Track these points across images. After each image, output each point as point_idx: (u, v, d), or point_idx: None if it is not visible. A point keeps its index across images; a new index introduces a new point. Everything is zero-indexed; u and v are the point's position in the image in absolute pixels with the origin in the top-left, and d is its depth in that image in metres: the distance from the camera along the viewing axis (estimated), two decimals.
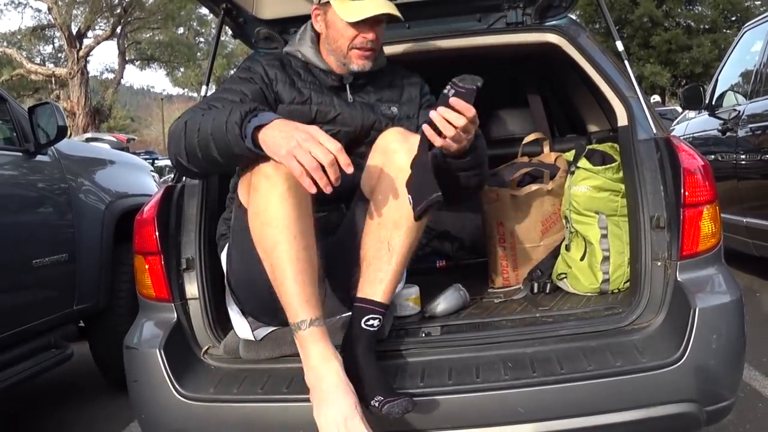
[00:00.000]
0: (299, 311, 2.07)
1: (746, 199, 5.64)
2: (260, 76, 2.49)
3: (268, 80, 2.49)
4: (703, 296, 2.26)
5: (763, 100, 5.54)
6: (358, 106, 2.55)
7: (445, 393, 2.11)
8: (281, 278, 2.08)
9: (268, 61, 2.57)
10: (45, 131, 3.77)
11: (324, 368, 2.05)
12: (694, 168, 2.39)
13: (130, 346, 2.46)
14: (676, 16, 31.82)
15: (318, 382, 2.04)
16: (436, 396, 2.10)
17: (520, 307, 2.72)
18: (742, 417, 3.30)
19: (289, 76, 2.54)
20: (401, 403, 2.00)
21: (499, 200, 3.04)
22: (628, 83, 2.76)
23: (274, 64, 2.55)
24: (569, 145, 3.35)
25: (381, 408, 2.01)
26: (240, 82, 2.47)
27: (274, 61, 2.58)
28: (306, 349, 2.08)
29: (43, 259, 3.61)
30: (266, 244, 2.10)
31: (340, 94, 2.57)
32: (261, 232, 2.11)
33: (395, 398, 2.02)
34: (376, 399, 2.03)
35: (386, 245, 2.26)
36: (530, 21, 3.10)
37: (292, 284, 2.07)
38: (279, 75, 2.52)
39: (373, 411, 2.03)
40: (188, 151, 2.17)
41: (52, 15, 28.82)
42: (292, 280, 2.07)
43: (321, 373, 2.05)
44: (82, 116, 28.72)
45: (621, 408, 2.13)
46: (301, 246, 2.08)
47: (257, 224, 2.12)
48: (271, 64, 2.55)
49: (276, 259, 2.08)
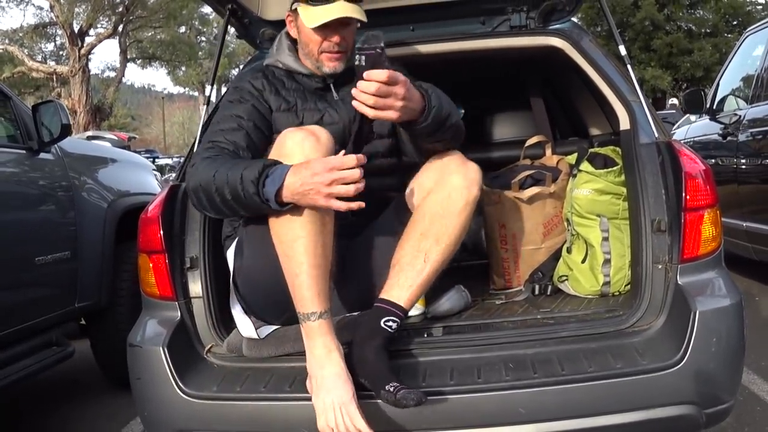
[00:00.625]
0: (311, 303, 2.15)
1: (746, 204, 5.65)
2: (248, 92, 2.58)
3: (257, 92, 2.58)
4: (704, 299, 2.28)
5: (764, 105, 5.55)
6: (343, 104, 2.58)
7: (447, 393, 2.12)
8: (298, 270, 2.15)
9: (252, 75, 2.65)
10: (48, 129, 3.79)
11: (327, 358, 2.13)
12: (695, 172, 2.40)
13: (134, 344, 2.48)
14: (678, 19, 31.80)
15: (320, 369, 2.12)
16: (437, 396, 2.11)
17: (521, 308, 2.74)
18: (741, 420, 3.32)
19: (273, 86, 2.61)
20: (417, 392, 2.04)
21: (501, 202, 3.05)
22: (631, 87, 2.77)
23: (257, 77, 2.63)
24: (571, 148, 3.37)
25: (396, 393, 2.03)
26: (231, 106, 2.56)
27: (257, 73, 2.66)
28: (312, 339, 2.16)
29: (45, 257, 3.62)
30: (287, 237, 2.16)
31: (326, 95, 2.65)
32: (282, 226, 2.17)
33: (410, 388, 2.06)
34: (390, 384, 2.07)
35: (423, 256, 2.33)
36: (534, 24, 3.11)
37: (307, 277, 2.14)
38: (265, 84, 2.60)
39: (384, 397, 2.06)
40: (217, 212, 2.32)
41: (54, 13, 28.85)
42: (307, 274, 2.14)
43: (323, 362, 2.13)
44: (83, 114, 28.73)
45: (621, 410, 2.15)
46: (319, 242, 2.16)
47: (278, 218, 2.18)
48: (255, 77, 2.63)
49: (293, 251, 2.15)
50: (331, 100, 2.63)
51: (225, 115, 2.53)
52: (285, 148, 2.21)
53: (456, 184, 2.37)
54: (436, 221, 2.35)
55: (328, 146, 2.21)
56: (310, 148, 2.17)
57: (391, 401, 2.04)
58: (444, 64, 3.20)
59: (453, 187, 2.36)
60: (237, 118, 2.49)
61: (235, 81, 2.70)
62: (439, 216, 2.35)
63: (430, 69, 2.92)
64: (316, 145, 2.18)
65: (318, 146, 2.18)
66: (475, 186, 2.38)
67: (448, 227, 2.35)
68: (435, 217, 2.35)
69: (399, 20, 3.17)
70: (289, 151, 2.19)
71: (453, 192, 2.36)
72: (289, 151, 2.19)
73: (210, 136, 2.47)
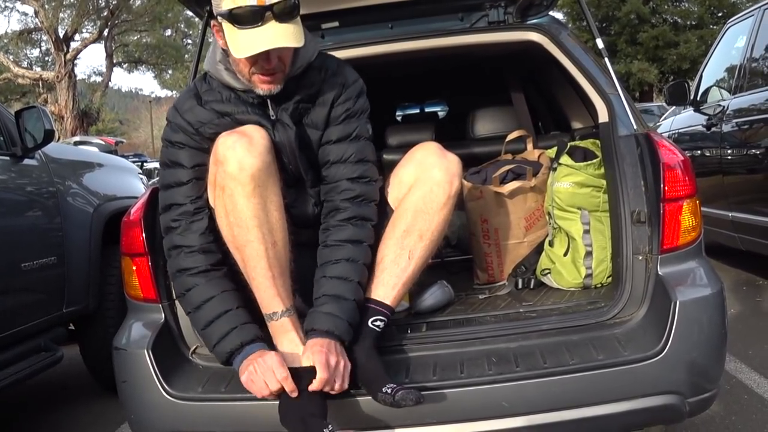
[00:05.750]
0: (271, 303, 2.21)
1: (731, 194, 5.68)
2: (184, 132, 2.36)
3: (193, 131, 2.35)
4: (684, 289, 2.29)
5: (747, 95, 5.59)
6: (283, 130, 2.36)
7: (430, 389, 2.13)
8: (253, 274, 2.19)
9: (186, 106, 2.38)
10: (32, 135, 3.77)
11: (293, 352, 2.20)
12: (673, 163, 2.41)
13: (119, 347, 2.48)
14: (663, 12, 31.87)
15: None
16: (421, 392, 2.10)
17: (504, 302, 2.75)
18: (729, 409, 3.35)
19: (210, 110, 2.36)
20: (414, 392, 2.05)
21: (482, 197, 3.06)
22: (609, 80, 2.79)
23: (191, 107, 2.37)
24: (553, 142, 3.37)
25: (394, 394, 2.04)
26: (172, 151, 2.38)
27: (190, 101, 2.39)
28: (278, 337, 2.22)
29: (32, 263, 3.61)
30: (236, 242, 2.21)
31: (266, 111, 2.38)
32: (231, 231, 2.22)
33: (407, 388, 2.07)
34: (388, 386, 2.07)
35: (407, 253, 2.34)
36: (512, 20, 3.12)
37: (263, 279, 2.19)
38: (201, 115, 2.35)
39: (382, 399, 2.07)
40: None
41: (39, 18, 28.77)
42: (263, 276, 2.19)
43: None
44: (70, 119, 28.68)
45: (603, 401, 2.17)
46: (269, 243, 2.20)
47: (226, 224, 2.23)
48: (189, 108, 2.38)
49: (247, 256, 2.20)
50: (268, 117, 2.37)
51: (167, 160, 2.38)
52: (218, 155, 2.20)
53: (438, 178, 2.36)
54: (419, 217, 2.36)
55: (262, 145, 2.20)
56: (243, 151, 2.16)
57: (389, 403, 2.05)
58: (423, 61, 3.21)
59: (435, 182, 2.36)
60: (180, 167, 2.35)
61: (172, 112, 2.42)
62: (422, 212, 2.36)
63: (409, 66, 2.93)
64: (249, 147, 2.17)
65: (251, 148, 2.17)
66: (456, 179, 2.39)
67: (431, 223, 2.35)
68: (418, 213, 2.36)
69: (377, 18, 3.18)
70: (221, 158, 2.18)
71: (435, 187, 2.36)
72: (221, 158, 2.18)
73: (166, 197, 2.37)
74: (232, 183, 2.16)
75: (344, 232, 2.32)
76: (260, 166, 2.18)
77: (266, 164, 2.20)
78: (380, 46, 3.06)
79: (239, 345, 2.18)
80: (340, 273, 2.27)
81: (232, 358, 2.19)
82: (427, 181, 2.37)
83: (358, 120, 2.42)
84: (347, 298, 2.24)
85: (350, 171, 2.37)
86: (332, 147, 2.39)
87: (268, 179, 2.21)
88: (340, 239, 2.32)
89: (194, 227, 2.31)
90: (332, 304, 2.22)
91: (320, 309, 2.23)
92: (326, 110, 2.39)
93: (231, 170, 2.16)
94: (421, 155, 2.44)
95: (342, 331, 2.19)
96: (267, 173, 2.21)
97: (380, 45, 3.06)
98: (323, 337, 2.17)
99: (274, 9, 2.14)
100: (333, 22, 3.23)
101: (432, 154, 2.42)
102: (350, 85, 2.42)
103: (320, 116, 2.40)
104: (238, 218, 2.18)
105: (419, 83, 4.90)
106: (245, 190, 2.16)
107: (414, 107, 6.44)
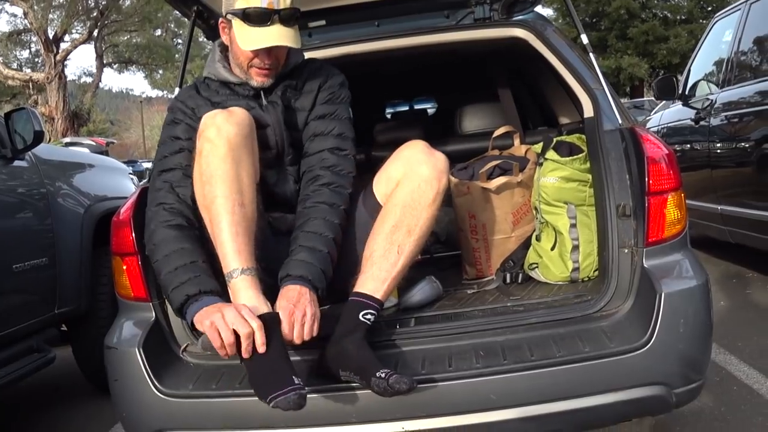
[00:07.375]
0: (231, 261, 2.21)
1: (720, 187, 5.71)
2: (181, 111, 2.62)
3: (189, 111, 2.60)
4: (669, 281, 2.31)
5: (735, 89, 5.61)
6: (272, 108, 2.61)
7: (419, 382, 2.12)
8: (217, 230, 2.24)
9: (186, 95, 2.68)
10: (22, 136, 3.77)
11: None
12: (658, 157, 2.43)
13: (110, 346, 2.50)
14: (653, 7, 31.97)
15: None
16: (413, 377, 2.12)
17: (492, 297, 2.77)
18: (718, 400, 3.37)
19: (206, 98, 2.64)
20: (408, 377, 2.06)
21: (469, 193, 3.08)
22: (594, 75, 2.81)
23: (191, 95, 2.67)
24: (540, 137, 3.39)
25: (387, 379, 2.05)
26: (169, 128, 2.62)
27: (190, 91, 2.70)
28: (236, 296, 2.20)
29: (23, 264, 3.61)
30: (206, 201, 2.28)
31: (258, 101, 2.64)
32: (202, 191, 2.29)
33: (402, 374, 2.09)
34: (382, 371, 2.08)
35: (396, 248, 2.37)
36: (497, 16, 3.14)
37: (227, 235, 2.22)
38: (198, 101, 2.63)
39: (376, 384, 2.07)
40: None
41: (28, 19, 28.67)
42: (227, 232, 2.22)
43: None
44: (61, 121, 28.60)
45: (590, 392, 2.18)
46: (237, 202, 2.26)
47: (200, 185, 2.31)
48: (188, 95, 2.67)
49: (213, 213, 2.25)
50: (261, 106, 2.63)
51: (165, 137, 2.60)
52: (200, 126, 2.35)
53: (425, 175, 2.40)
54: (407, 213, 2.39)
55: (241, 118, 2.36)
56: (222, 119, 2.32)
57: (383, 387, 2.05)
58: (411, 58, 3.23)
59: (422, 179, 2.40)
60: (176, 140, 2.56)
61: (172, 101, 2.73)
62: (410, 207, 2.39)
63: (396, 64, 2.94)
64: (228, 117, 2.33)
65: (230, 118, 2.33)
66: (443, 176, 2.43)
67: (420, 218, 2.39)
68: (406, 209, 2.39)
69: (364, 16, 3.21)
70: (203, 126, 2.34)
71: (423, 183, 2.39)
72: (203, 126, 2.34)
73: (159, 165, 2.53)
74: (208, 145, 2.29)
75: (321, 196, 2.49)
76: (237, 132, 2.32)
77: (243, 134, 2.35)
78: (367, 44, 3.08)
79: (197, 292, 2.20)
80: (316, 229, 2.40)
81: (187, 306, 2.20)
82: (414, 178, 2.41)
83: (340, 104, 2.68)
84: (321, 250, 2.35)
85: (330, 143, 2.59)
86: (316, 122, 2.63)
87: (243, 147, 2.33)
88: (317, 201, 2.47)
89: (179, 191, 2.44)
90: (306, 252, 2.33)
91: (294, 257, 2.32)
92: (312, 96, 2.66)
93: (208, 134, 2.30)
94: (409, 153, 2.49)
95: (315, 278, 2.27)
96: (243, 142, 2.34)
97: (367, 43, 3.08)
98: (297, 282, 2.24)
99: (281, 13, 2.47)
100: (320, 21, 3.25)
101: (419, 151, 2.47)
102: (333, 76, 2.71)
103: (307, 100, 2.65)
104: (210, 177, 2.27)
105: (408, 81, 4.91)
106: (219, 152, 2.27)
107: (403, 104, 6.46)
